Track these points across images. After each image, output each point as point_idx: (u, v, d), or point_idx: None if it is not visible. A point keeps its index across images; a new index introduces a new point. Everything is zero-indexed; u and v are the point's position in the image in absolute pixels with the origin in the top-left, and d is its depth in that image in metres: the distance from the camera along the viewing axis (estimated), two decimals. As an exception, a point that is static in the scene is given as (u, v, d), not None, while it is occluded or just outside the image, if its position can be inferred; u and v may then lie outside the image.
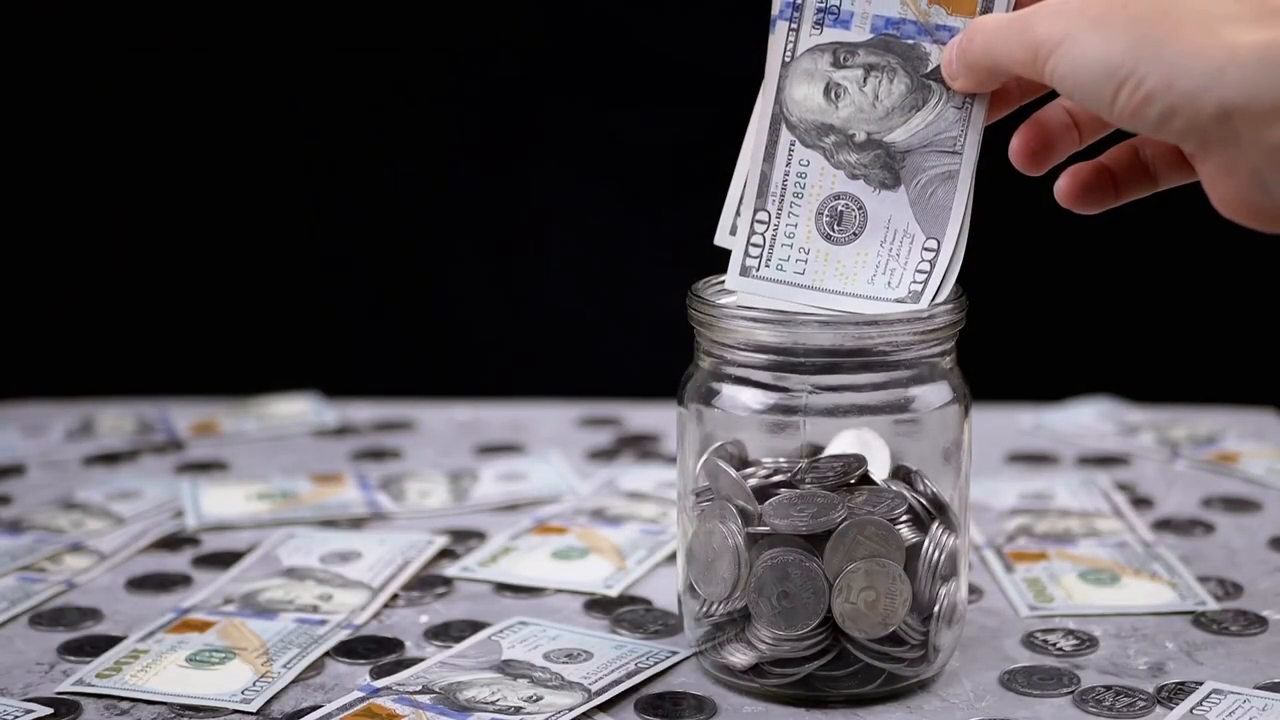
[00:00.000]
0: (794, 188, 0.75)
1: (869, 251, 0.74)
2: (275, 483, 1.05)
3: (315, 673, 0.80)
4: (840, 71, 0.74)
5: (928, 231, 0.74)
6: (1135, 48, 0.64)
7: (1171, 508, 1.01)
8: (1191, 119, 0.64)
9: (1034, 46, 0.67)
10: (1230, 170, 0.65)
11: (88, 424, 1.17)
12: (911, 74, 0.73)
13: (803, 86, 0.74)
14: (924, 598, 0.75)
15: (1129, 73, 0.64)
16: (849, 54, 0.74)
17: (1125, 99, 0.64)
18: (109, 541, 0.96)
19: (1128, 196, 0.75)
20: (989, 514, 0.99)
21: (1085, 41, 0.65)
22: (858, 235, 0.74)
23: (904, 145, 0.73)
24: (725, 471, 0.76)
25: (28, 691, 0.78)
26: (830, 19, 0.74)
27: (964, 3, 0.73)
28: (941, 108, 0.73)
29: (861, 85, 0.74)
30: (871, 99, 0.74)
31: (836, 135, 0.74)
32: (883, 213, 0.74)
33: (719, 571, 0.75)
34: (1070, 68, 0.66)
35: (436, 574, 0.91)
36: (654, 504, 1.01)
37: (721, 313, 0.75)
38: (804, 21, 0.74)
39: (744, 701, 0.76)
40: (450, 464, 1.10)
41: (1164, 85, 0.64)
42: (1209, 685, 0.77)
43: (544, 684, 0.77)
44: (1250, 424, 1.17)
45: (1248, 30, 0.63)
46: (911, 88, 0.73)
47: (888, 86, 0.74)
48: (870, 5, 0.74)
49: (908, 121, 0.73)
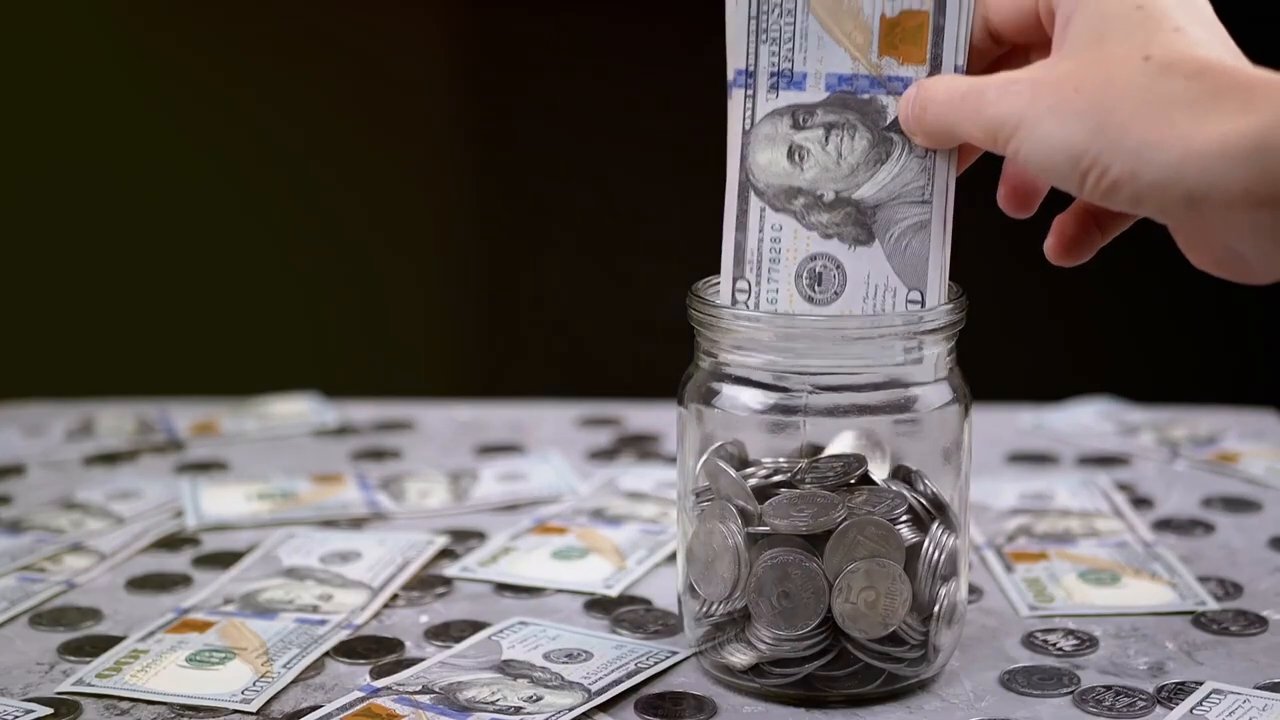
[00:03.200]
0: (769, 254, 0.74)
1: (853, 310, 0.74)
2: (275, 483, 1.05)
3: (315, 673, 0.80)
4: (801, 133, 0.74)
5: (909, 284, 0.74)
6: (1095, 137, 0.64)
7: (1171, 508, 1.01)
8: (1160, 205, 0.64)
9: (992, 128, 0.67)
10: (1204, 242, 0.67)
11: (88, 424, 1.17)
12: (871, 128, 0.73)
13: (766, 152, 0.74)
14: (924, 598, 0.75)
15: (1092, 161, 0.64)
16: (807, 115, 0.74)
17: (1092, 184, 0.65)
18: (109, 541, 0.96)
19: (1112, 234, 0.75)
20: (989, 514, 0.99)
21: (1044, 127, 0.65)
22: (839, 294, 0.74)
23: (873, 200, 0.73)
24: (725, 471, 0.76)
25: (28, 691, 0.78)
26: (785, 81, 0.74)
27: (914, 53, 0.73)
28: (905, 159, 0.73)
29: (824, 145, 0.74)
30: (835, 158, 0.74)
31: (805, 197, 0.74)
32: (861, 269, 0.74)
33: (719, 571, 0.75)
34: (1032, 151, 0.66)
35: (436, 574, 0.91)
36: (654, 504, 1.01)
37: (721, 313, 0.75)
38: (759, 87, 0.74)
39: (744, 701, 0.76)
40: (450, 464, 1.10)
41: (1128, 175, 0.64)
42: (1209, 685, 0.77)
43: (544, 684, 0.77)
44: (1250, 424, 1.17)
45: (1202, 119, 0.63)
46: (873, 142, 0.73)
47: (850, 143, 0.73)
48: (822, 64, 0.73)
49: (874, 176, 0.73)
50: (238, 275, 1.66)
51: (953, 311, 0.75)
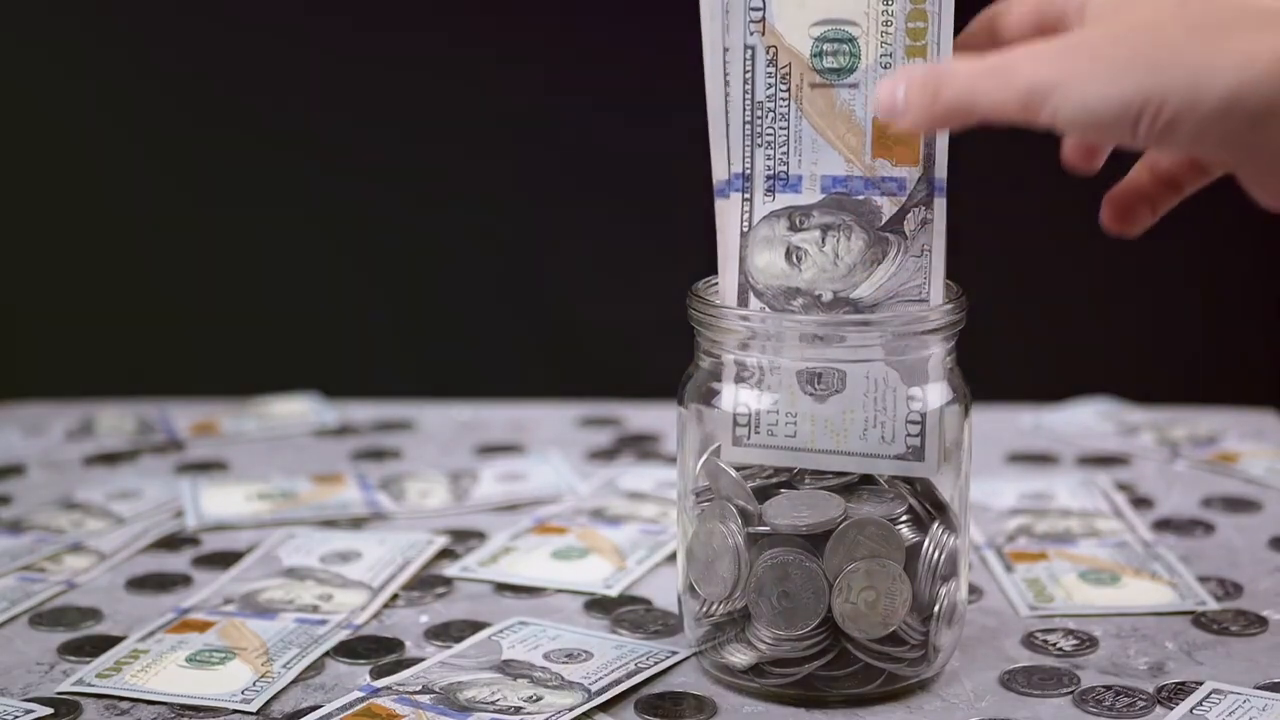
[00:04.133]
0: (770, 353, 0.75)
1: (854, 406, 0.74)
2: (275, 483, 1.05)
3: (315, 673, 0.80)
4: (798, 235, 0.74)
5: (908, 381, 0.74)
6: (1145, 77, 0.62)
7: (1171, 508, 1.01)
8: (1223, 134, 0.62)
9: (1025, 93, 0.64)
10: (1272, 168, 0.64)
11: (88, 424, 1.17)
12: (867, 228, 0.74)
13: (764, 254, 0.74)
14: (924, 598, 0.75)
15: (1144, 100, 0.62)
16: (804, 216, 0.74)
17: (1147, 126, 0.63)
18: (109, 541, 0.96)
19: (1162, 210, 0.75)
20: (989, 514, 0.99)
21: (1086, 81, 0.63)
22: (840, 391, 0.74)
23: (870, 299, 0.74)
24: (725, 471, 0.76)
25: (28, 691, 0.78)
26: (780, 184, 0.74)
27: (906, 154, 0.73)
28: (901, 259, 0.74)
29: (820, 245, 0.74)
30: (832, 258, 0.74)
31: (804, 297, 0.74)
32: (860, 366, 0.74)
33: (719, 571, 0.75)
34: (1076, 109, 0.63)
35: (436, 574, 0.91)
36: (654, 504, 1.01)
37: (721, 313, 0.75)
38: (755, 190, 0.75)
39: (744, 701, 0.76)
40: (450, 464, 1.10)
41: (1187, 107, 0.62)
42: (1209, 685, 0.77)
43: (544, 684, 0.77)
44: (1250, 424, 1.17)
45: (1258, 34, 0.62)
46: (870, 242, 0.74)
47: (846, 244, 0.74)
48: (816, 166, 0.74)
49: (870, 276, 0.74)
50: (238, 275, 1.66)
51: (953, 311, 0.75)
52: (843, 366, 0.74)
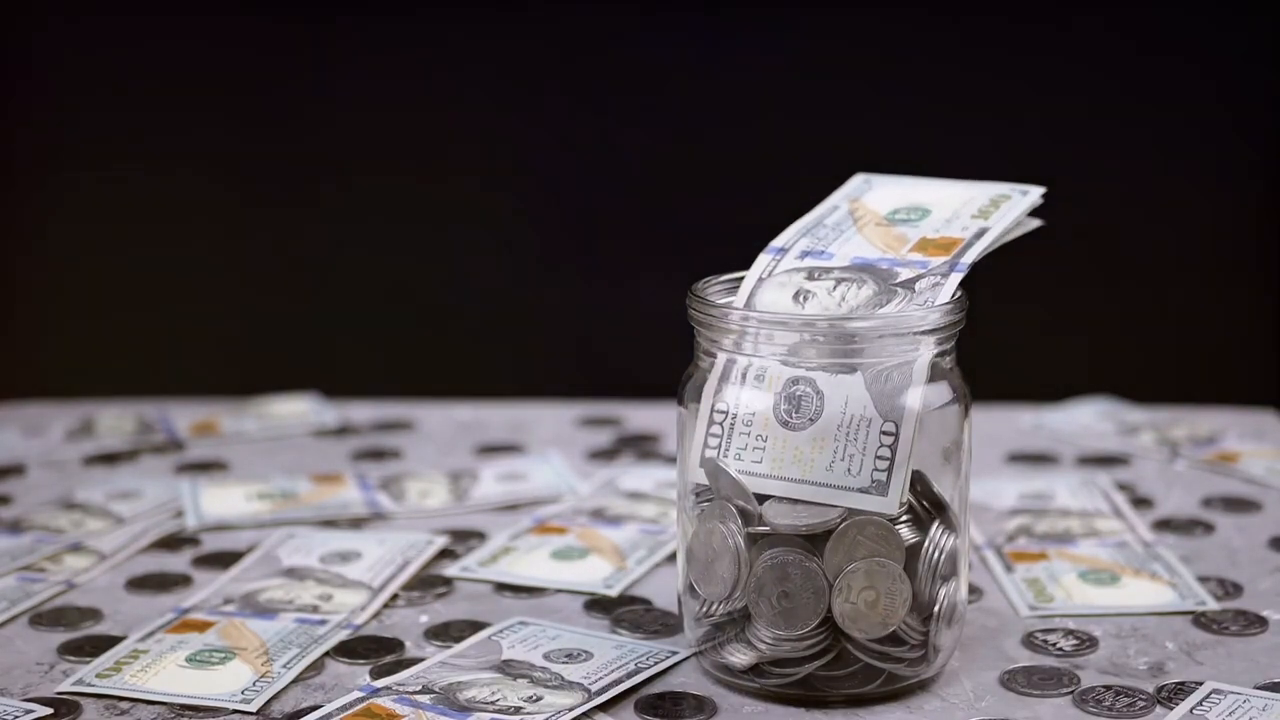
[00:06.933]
0: (753, 376, 0.75)
1: (825, 438, 0.74)
2: (275, 483, 1.05)
3: (315, 673, 0.80)
4: (812, 282, 0.76)
5: (885, 416, 0.74)
6: None
7: (1171, 508, 1.01)
8: None
9: None
10: None
11: (88, 424, 1.17)
12: (880, 283, 0.75)
13: (772, 293, 0.76)
14: (924, 598, 0.75)
15: None
16: (823, 271, 0.76)
17: None
18: (109, 541, 0.96)
19: None
20: (989, 514, 0.99)
21: None
22: (814, 420, 0.74)
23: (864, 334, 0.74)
24: (725, 471, 0.76)
25: (28, 691, 0.78)
26: (813, 257, 0.77)
27: (939, 253, 0.76)
28: (905, 306, 0.74)
29: (830, 291, 0.75)
30: (838, 300, 0.75)
31: None
32: (839, 396, 0.74)
33: (719, 571, 0.75)
34: None
35: (436, 574, 0.91)
36: (654, 504, 1.01)
37: (721, 313, 0.75)
38: (787, 256, 0.77)
39: (744, 701, 0.76)
40: (450, 464, 1.10)
41: None
42: (1209, 685, 0.77)
43: (544, 684, 0.77)
44: (1250, 424, 1.17)
45: None
46: (879, 291, 0.75)
47: (855, 291, 0.75)
48: (849, 246, 0.77)
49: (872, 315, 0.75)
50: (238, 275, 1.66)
51: (953, 311, 0.75)
52: (824, 388, 0.73)
